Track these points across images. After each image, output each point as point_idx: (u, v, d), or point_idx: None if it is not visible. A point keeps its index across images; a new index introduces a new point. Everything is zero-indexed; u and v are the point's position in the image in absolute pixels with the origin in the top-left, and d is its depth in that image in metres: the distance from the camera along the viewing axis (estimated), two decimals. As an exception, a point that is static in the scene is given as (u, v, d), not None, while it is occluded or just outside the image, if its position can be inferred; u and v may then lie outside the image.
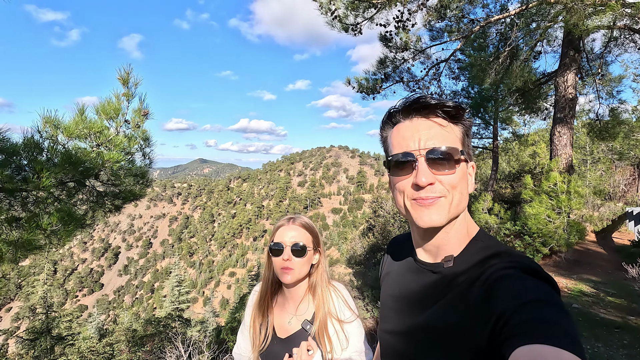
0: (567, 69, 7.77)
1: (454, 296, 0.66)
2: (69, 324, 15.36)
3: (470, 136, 0.71)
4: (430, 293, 0.72)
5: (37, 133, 3.01)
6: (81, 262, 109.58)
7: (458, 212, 0.68)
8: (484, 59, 9.15)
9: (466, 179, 0.69)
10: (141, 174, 4.06)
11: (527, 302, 0.53)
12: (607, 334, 4.13)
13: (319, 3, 7.23)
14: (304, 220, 1.31)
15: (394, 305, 0.83)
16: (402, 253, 0.89)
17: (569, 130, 7.84)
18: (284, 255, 1.20)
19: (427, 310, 0.70)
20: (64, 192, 3.49)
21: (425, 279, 0.74)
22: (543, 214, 6.76)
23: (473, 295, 0.62)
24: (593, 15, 6.35)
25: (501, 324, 0.53)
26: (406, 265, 0.84)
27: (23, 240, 2.77)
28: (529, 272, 0.59)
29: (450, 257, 0.70)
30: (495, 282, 0.59)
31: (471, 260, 0.67)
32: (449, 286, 0.68)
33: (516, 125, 15.16)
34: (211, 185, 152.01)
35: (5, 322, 55.96)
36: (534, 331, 0.48)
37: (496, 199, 12.00)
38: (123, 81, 3.54)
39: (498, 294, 0.57)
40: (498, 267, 0.62)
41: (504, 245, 0.69)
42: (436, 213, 0.66)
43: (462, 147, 0.68)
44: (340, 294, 1.29)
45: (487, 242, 0.70)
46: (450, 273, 0.69)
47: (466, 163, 0.69)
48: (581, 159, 18.43)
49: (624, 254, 7.61)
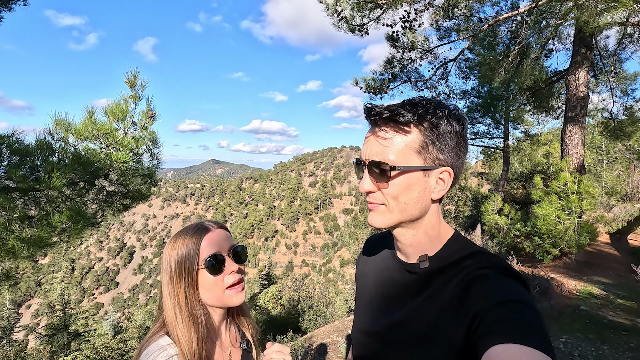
0: (578, 67, 7.62)
1: (430, 295, 0.67)
2: (86, 321, 15.79)
3: (440, 141, 0.66)
4: (406, 292, 0.73)
5: (49, 135, 3.15)
6: (98, 260, 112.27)
7: (407, 217, 0.69)
8: (493, 58, 9.04)
9: (414, 189, 0.67)
10: (149, 174, 4.18)
11: (502, 302, 0.54)
12: (614, 336, 4.05)
13: (325, 4, 7.28)
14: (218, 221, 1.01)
15: (370, 304, 0.84)
16: (378, 253, 0.90)
17: (581, 129, 7.68)
18: (228, 268, 0.90)
19: (402, 309, 0.72)
20: (75, 191, 3.62)
21: (401, 279, 0.76)
22: (552, 214, 6.65)
23: (449, 294, 0.63)
24: (604, 12, 6.22)
25: (476, 323, 0.55)
26: (383, 264, 0.85)
27: (35, 237, 2.90)
28: (503, 272, 0.61)
29: (425, 256, 0.71)
30: (470, 282, 0.61)
31: (446, 261, 0.69)
32: (425, 286, 0.69)
33: (529, 124, 14.91)
34: (223, 185, 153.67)
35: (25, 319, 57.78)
36: (508, 330, 0.50)
37: (507, 199, 11.81)
38: (130, 84, 3.65)
39: (473, 294, 0.59)
40: (473, 267, 0.63)
41: (477, 246, 0.71)
42: (377, 217, 0.70)
43: (410, 156, 0.66)
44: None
45: (461, 243, 0.72)
46: (426, 273, 0.70)
47: (425, 171, 0.67)
48: (597, 158, 17.96)
49: (639, 256, 7.41)
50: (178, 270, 0.86)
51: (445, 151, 0.66)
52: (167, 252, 0.89)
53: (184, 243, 0.87)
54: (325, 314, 11.75)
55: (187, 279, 0.86)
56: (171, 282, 0.87)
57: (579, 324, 4.43)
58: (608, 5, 6.14)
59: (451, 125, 0.66)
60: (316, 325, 10.56)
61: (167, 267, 0.88)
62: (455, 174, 0.69)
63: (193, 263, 0.86)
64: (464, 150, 0.69)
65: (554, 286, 5.73)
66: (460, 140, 0.68)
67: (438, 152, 0.66)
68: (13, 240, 2.78)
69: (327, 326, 6.95)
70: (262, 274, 31.24)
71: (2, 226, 2.79)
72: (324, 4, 7.19)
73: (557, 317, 4.71)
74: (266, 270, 30.97)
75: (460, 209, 16.05)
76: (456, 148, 0.68)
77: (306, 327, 10.83)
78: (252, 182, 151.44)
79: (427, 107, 0.66)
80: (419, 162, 0.66)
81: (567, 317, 4.65)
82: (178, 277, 0.86)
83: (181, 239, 0.88)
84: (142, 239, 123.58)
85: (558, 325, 4.45)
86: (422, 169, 0.66)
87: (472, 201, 15.93)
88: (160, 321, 0.88)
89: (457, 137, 0.67)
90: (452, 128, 0.66)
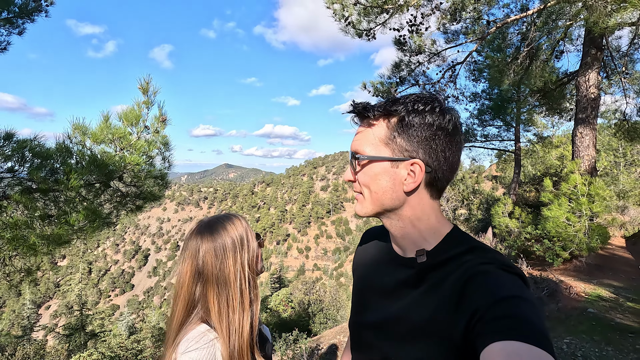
0: (588, 68, 7.55)
1: (428, 290, 0.66)
2: (102, 322, 16.22)
3: (407, 133, 0.67)
4: (403, 285, 0.72)
5: (68, 139, 3.35)
6: (114, 263, 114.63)
7: (381, 207, 0.72)
8: (503, 60, 9.00)
9: (381, 178, 0.70)
10: (161, 176, 4.36)
11: (501, 299, 0.54)
12: (619, 338, 4.00)
13: (333, 10, 7.42)
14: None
15: (367, 297, 0.83)
16: (376, 245, 0.89)
17: (592, 131, 7.58)
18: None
19: (399, 302, 0.71)
20: (91, 192, 3.82)
21: (399, 273, 0.75)
22: (562, 217, 6.57)
23: (448, 290, 0.62)
24: (614, 12, 6.16)
25: (475, 320, 0.54)
26: (380, 256, 0.84)
27: (54, 235, 3.09)
28: (503, 268, 0.60)
29: (423, 251, 0.70)
30: (469, 278, 0.60)
31: (444, 255, 0.68)
32: (423, 280, 0.69)
33: (543, 126, 14.71)
34: (236, 189, 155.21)
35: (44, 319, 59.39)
36: (507, 328, 0.49)
37: (519, 202, 11.66)
38: (143, 90, 3.84)
39: (472, 290, 0.58)
40: (472, 263, 0.63)
41: (476, 241, 0.70)
42: (356, 206, 0.77)
43: (379, 148, 0.70)
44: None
45: (460, 238, 0.71)
46: (424, 267, 0.69)
47: (393, 162, 0.69)
48: (613, 161, 17.52)
49: (653, 260, 7.23)
50: (240, 247, 1.03)
51: (414, 143, 0.67)
52: (227, 233, 1.03)
53: (241, 225, 1.08)
54: (336, 317, 11.78)
55: (247, 253, 1.04)
56: (235, 257, 1.01)
57: (585, 325, 4.38)
58: (618, 6, 6.09)
59: (422, 117, 0.66)
60: (326, 328, 10.60)
61: (231, 245, 1.01)
62: (434, 168, 0.68)
63: (250, 240, 1.06)
64: (444, 145, 0.67)
65: (563, 289, 5.66)
66: (437, 133, 0.66)
67: (406, 144, 0.67)
68: (34, 237, 2.97)
69: (335, 328, 7.01)
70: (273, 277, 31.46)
71: (25, 224, 2.99)
72: (332, 9, 7.33)
73: (564, 319, 4.67)
74: (277, 274, 31.16)
75: (473, 213, 15.90)
76: (430, 141, 0.67)
77: (316, 330, 10.87)
78: (265, 186, 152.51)
79: (403, 101, 0.68)
80: (387, 154, 0.69)
81: (574, 319, 4.60)
82: (240, 253, 1.02)
83: (235, 222, 1.07)
84: (157, 242, 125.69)
85: (564, 327, 4.41)
86: (387, 159, 0.68)
87: (484, 204, 15.75)
88: (195, 314, 0.98)
89: (432, 130, 0.66)
90: (422, 120, 0.66)
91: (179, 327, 0.95)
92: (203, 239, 1.00)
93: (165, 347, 0.96)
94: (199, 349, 0.89)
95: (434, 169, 0.68)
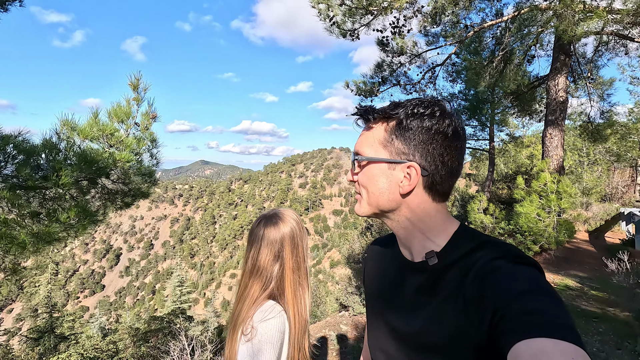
0: (558, 73, 8.02)
1: (446, 296, 0.64)
2: (72, 324, 15.62)
3: (404, 135, 0.69)
4: (421, 294, 0.70)
5: (55, 135, 3.29)
6: (83, 263, 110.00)
7: (378, 208, 0.73)
8: (479, 63, 9.41)
9: (379, 179, 0.72)
10: (149, 173, 4.33)
11: (519, 294, 0.52)
12: (585, 323, 4.39)
13: (318, 10, 7.51)
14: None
15: (384, 312, 0.81)
16: (385, 255, 0.88)
17: (560, 132, 8.08)
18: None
19: (420, 314, 0.69)
20: (78, 189, 3.75)
21: (413, 280, 0.73)
22: (533, 213, 7.01)
23: (465, 292, 0.61)
24: (581, 21, 6.58)
25: (497, 319, 0.53)
26: (391, 266, 0.82)
27: (44, 233, 3.03)
28: (516, 260, 0.59)
29: (432, 253, 0.69)
30: (485, 276, 0.59)
31: (455, 254, 0.66)
32: (438, 285, 0.67)
33: (515, 127, 15.42)
34: (212, 186, 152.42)
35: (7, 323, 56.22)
36: (530, 324, 0.48)
37: (493, 199, 12.22)
38: (133, 87, 3.81)
39: (489, 289, 0.57)
40: (485, 259, 0.61)
41: (485, 235, 0.69)
42: (356, 206, 0.78)
43: (378, 149, 0.71)
44: None
45: (468, 234, 0.69)
46: (436, 270, 0.68)
47: (389, 164, 0.70)
48: (578, 160, 18.63)
49: (613, 252, 7.84)
50: (299, 239, 1.21)
51: (411, 146, 0.68)
52: (295, 223, 1.23)
53: (298, 216, 1.27)
54: (316, 313, 11.96)
55: (306, 240, 1.24)
56: (303, 243, 1.22)
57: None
58: (585, 16, 6.52)
59: (420, 121, 0.67)
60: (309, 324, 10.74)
61: (300, 233, 1.22)
62: (431, 172, 0.67)
63: (304, 234, 1.24)
64: (442, 149, 0.67)
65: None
66: (434, 137, 0.67)
67: (403, 146, 0.68)
68: (24, 235, 2.91)
69: (320, 322, 7.16)
70: (252, 275, 31.27)
71: (13, 222, 2.92)
72: (317, 9, 7.42)
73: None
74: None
75: (449, 209, 16.46)
76: (427, 144, 0.67)
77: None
78: (242, 183, 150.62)
79: (404, 104, 0.69)
80: (385, 156, 0.70)
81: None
82: (297, 244, 1.21)
83: (293, 218, 1.24)
84: (129, 240, 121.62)
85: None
86: (384, 161, 0.70)
87: (459, 201, 16.37)
88: (265, 292, 1.15)
89: (429, 134, 0.67)
90: (420, 124, 0.67)
91: (252, 303, 1.13)
92: (279, 228, 1.19)
93: (233, 322, 1.13)
94: (275, 317, 1.08)
95: (431, 172, 0.68)
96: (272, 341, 1.06)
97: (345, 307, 8.19)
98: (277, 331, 1.07)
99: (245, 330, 1.07)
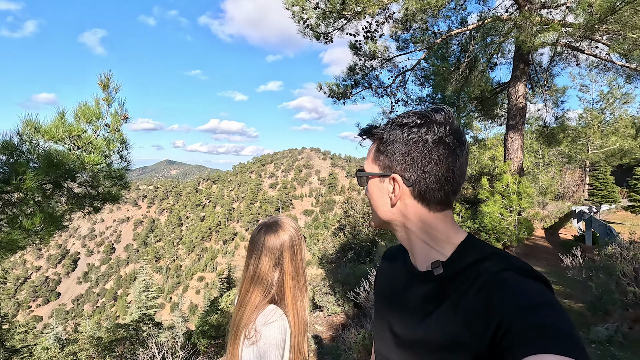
0: (517, 81, 8.55)
1: (451, 305, 0.64)
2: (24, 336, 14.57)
3: (387, 149, 0.73)
4: (427, 302, 0.70)
5: (17, 136, 3.09)
6: (35, 270, 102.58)
7: (380, 220, 0.78)
8: (446, 69, 9.82)
9: (374, 192, 0.77)
10: (119, 176, 4.17)
11: (525, 307, 0.52)
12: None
13: (292, 12, 7.52)
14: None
15: (391, 318, 0.82)
16: (396, 263, 0.89)
17: (520, 136, 8.62)
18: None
19: (426, 321, 0.69)
20: (42, 193, 3.54)
21: (420, 288, 0.73)
22: (497, 212, 7.45)
23: (469, 303, 0.61)
24: (539, 33, 7.07)
25: (501, 333, 0.52)
26: (401, 275, 0.84)
27: (6, 241, 2.84)
28: (523, 273, 0.59)
29: (438, 262, 0.69)
30: (491, 288, 0.58)
31: (461, 264, 0.67)
32: (444, 294, 0.67)
33: (478, 130, 16.24)
34: (179, 187, 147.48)
35: (-53, 338, 51.23)
36: (536, 339, 0.47)
37: (458, 199, 12.78)
38: (103, 86, 3.66)
39: (495, 301, 0.56)
40: (491, 271, 0.61)
41: (492, 247, 0.69)
42: (372, 218, 0.83)
43: (372, 165, 0.76)
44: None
45: (474, 245, 0.69)
46: (442, 279, 0.68)
47: (380, 178, 0.75)
48: (535, 162, 19.90)
49: (567, 248, 8.48)
50: (297, 246, 1.26)
51: (392, 159, 0.72)
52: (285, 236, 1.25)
53: (296, 224, 1.31)
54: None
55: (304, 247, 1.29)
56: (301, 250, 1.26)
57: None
58: (542, 28, 7.01)
59: (400, 134, 0.70)
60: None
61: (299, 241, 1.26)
62: (415, 182, 0.69)
63: (302, 241, 1.28)
64: (421, 158, 0.69)
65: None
66: (413, 148, 0.69)
67: (387, 160, 0.73)
68: (-17, 243, 2.72)
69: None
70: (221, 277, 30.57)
71: (-29, 229, 2.73)
72: (291, 11, 7.43)
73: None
74: (226, 274, 30.31)
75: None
76: (406, 156, 0.70)
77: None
78: (210, 184, 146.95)
79: (391, 120, 0.74)
80: (376, 170, 0.76)
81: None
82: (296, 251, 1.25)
83: (291, 226, 1.28)
84: (88, 244, 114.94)
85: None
86: (375, 174, 0.76)
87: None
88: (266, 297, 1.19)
89: (408, 145, 0.69)
90: (399, 137, 0.70)
91: (254, 309, 1.17)
92: (278, 236, 1.22)
93: (235, 327, 1.17)
94: (278, 320, 1.14)
95: (414, 182, 0.69)
96: (277, 343, 1.11)
97: (319, 308, 8.26)
98: (280, 333, 1.13)
99: (249, 334, 1.11)
